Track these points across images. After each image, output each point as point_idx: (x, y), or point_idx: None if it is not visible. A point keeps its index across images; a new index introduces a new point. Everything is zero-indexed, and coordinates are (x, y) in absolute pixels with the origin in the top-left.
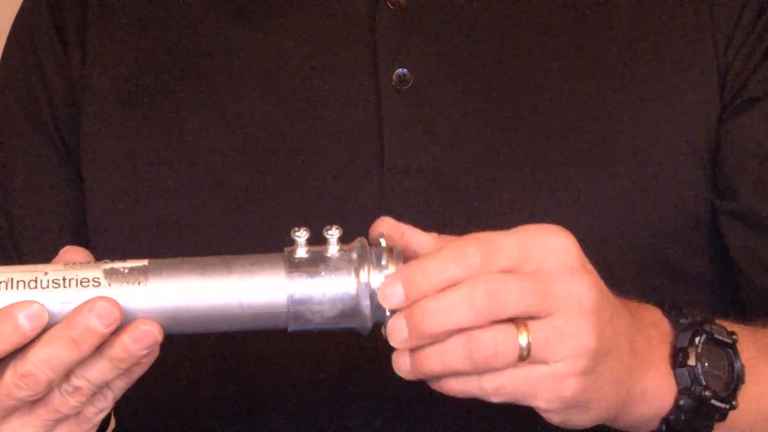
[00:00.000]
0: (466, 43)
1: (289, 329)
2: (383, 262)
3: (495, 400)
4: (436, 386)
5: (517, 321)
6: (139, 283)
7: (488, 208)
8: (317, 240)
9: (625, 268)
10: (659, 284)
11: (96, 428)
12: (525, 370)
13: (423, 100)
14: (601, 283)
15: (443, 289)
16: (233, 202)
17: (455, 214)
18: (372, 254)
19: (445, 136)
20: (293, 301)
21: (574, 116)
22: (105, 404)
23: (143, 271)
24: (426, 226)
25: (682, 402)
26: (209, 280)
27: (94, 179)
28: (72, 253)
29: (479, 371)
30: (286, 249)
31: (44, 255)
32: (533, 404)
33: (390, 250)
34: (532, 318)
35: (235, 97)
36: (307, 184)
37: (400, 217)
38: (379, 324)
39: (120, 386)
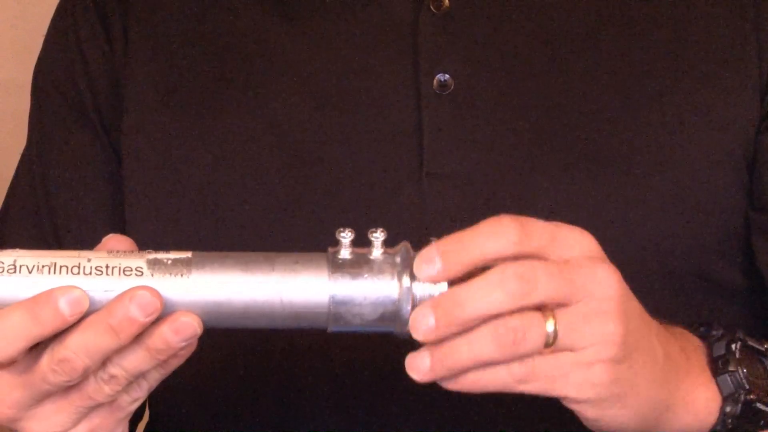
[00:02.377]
0: (509, 49)
1: (329, 330)
2: None
3: (526, 389)
4: (456, 385)
5: (543, 308)
6: (181, 275)
7: (526, 216)
8: (360, 242)
9: (659, 277)
10: (692, 294)
11: (129, 417)
12: (553, 357)
13: (464, 105)
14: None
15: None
16: (272, 204)
17: None
18: (414, 257)
19: (485, 142)
20: (335, 302)
21: (613, 126)
22: (139, 394)
23: (186, 264)
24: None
25: (727, 409)
26: (252, 276)
27: (133, 175)
28: (115, 241)
29: (506, 358)
30: (330, 249)
31: (82, 245)
32: (565, 394)
33: None
34: (558, 306)
35: (276, 99)
36: (346, 187)
37: (438, 222)
38: None
39: (155, 377)
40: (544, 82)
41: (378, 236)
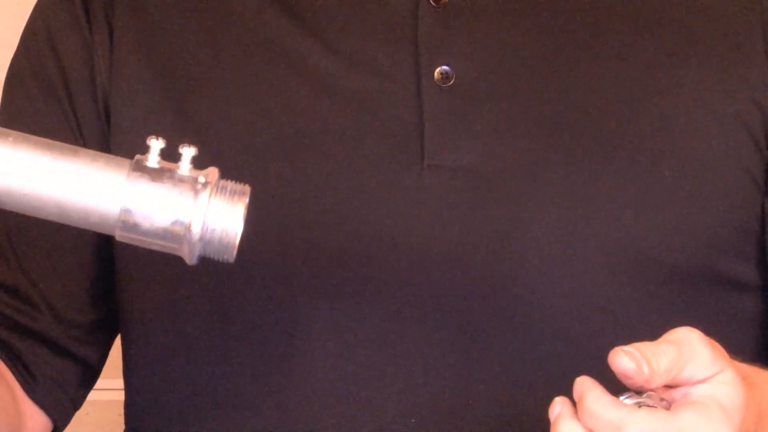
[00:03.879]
0: (511, 41)
1: (116, 236)
2: (228, 195)
3: None
4: None
5: None
6: None
7: (529, 209)
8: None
9: (668, 271)
10: (705, 291)
11: None
12: None
13: (466, 97)
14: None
15: None
16: (271, 195)
17: (495, 213)
18: (219, 184)
19: (487, 134)
20: (126, 207)
21: (621, 119)
22: None
23: None
24: (465, 225)
25: None
26: (50, 158)
27: None
28: None
29: None
30: (138, 156)
31: (45, 233)
32: None
33: (243, 190)
34: None
35: (275, 91)
36: (346, 178)
37: (438, 214)
38: (207, 258)
39: None
40: (547, 73)
41: (188, 151)
